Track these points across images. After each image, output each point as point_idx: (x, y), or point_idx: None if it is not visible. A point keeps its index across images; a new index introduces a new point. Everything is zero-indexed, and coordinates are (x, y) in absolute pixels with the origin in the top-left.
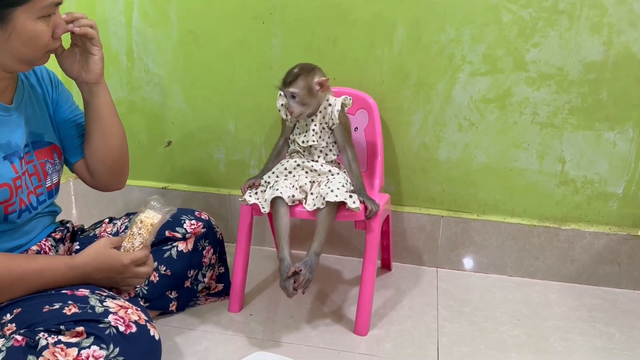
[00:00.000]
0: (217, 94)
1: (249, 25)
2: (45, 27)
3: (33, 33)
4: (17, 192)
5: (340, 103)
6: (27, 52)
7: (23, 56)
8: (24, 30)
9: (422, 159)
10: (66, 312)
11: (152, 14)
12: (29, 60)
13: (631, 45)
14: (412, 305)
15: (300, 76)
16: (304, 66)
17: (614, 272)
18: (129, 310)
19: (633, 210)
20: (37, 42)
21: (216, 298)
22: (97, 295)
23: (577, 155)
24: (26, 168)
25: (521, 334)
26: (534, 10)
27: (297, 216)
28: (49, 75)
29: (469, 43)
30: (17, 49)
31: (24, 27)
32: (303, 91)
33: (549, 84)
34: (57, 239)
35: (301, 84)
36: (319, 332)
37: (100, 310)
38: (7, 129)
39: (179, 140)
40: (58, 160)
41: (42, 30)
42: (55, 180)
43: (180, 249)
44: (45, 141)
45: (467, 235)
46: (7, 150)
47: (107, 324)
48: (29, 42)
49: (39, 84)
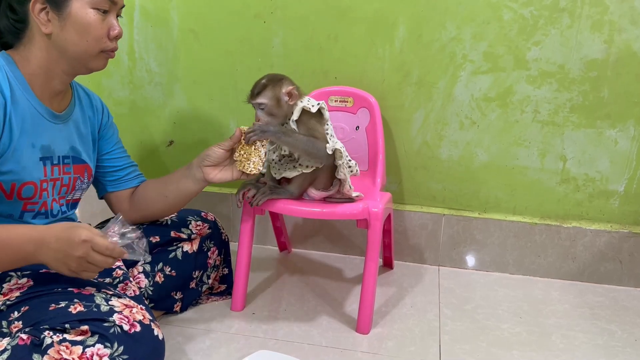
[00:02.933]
0: (219, 93)
1: (250, 23)
2: (98, 18)
3: (86, 20)
4: (42, 195)
5: (298, 111)
6: (82, 44)
7: (78, 48)
8: (77, 17)
9: (423, 157)
10: (71, 310)
11: (153, 13)
12: (83, 55)
13: (632, 43)
14: (414, 303)
15: (268, 87)
16: (272, 77)
17: (616, 270)
18: (133, 310)
19: (634, 207)
20: (90, 32)
21: (218, 297)
22: (103, 293)
23: (579, 153)
24: (61, 177)
25: (523, 332)
26: (535, 8)
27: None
28: (102, 104)
29: (470, 41)
30: (71, 38)
31: (77, 13)
32: (271, 102)
33: (550, 82)
34: None
35: (269, 94)
36: (321, 330)
37: (106, 309)
38: (51, 135)
39: (180, 139)
40: (87, 180)
41: (95, 20)
42: (77, 196)
43: (185, 250)
44: (81, 158)
45: (468, 233)
46: (45, 153)
47: (112, 323)
48: (82, 30)
49: (91, 107)
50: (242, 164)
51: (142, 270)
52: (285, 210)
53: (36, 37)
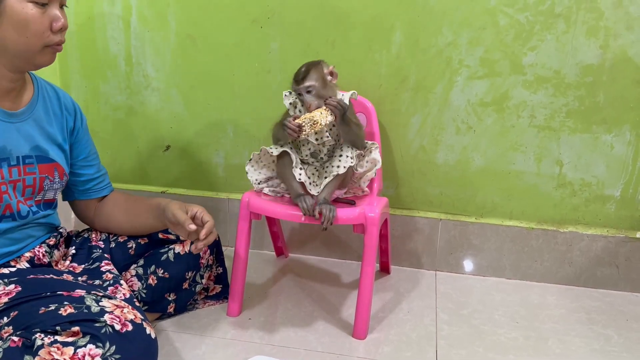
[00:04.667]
0: (216, 98)
1: (247, 29)
2: (37, 12)
3: (23, 16)
4: (3, 198)
5: (348, 97)
6: (21, 41)
7: (18, 45)
8: (13, 13)
9: (420, 162)
10: (62, 312)
11: (151, 19)
12: (25, 52)
13: (627, 49)
14: (410, 309)
15: (312, 70)
16: (310, 62)
17: (612, 274)
18: (124, 310)
19: (630, 212)
20: (30, 28)
21: (215, 301)
22: (94, 295)
23: (575, 158)
24: (22, 178)
25: (519, 337)
26: (530, 14)
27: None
28: (73, 105)
29: (466, 46)
30: (10, 36)
31: (13, 9)
32: (318, 82)
33: (546, 87)
34: (52, 245)
35: (314, 76)
36: (317, 335)
37: (96, 310)
38: (6, 135)
39: (177, 144)
40: (59, 179)
41: (32, 15)
42: (50, 196)
43: (177, 251)
44: (48, 157)
45: (465, 238)
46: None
47: (103, 323)
48: (20, 27)
49: (59, 106)
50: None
51: (134, 273)
52: (283, 215)
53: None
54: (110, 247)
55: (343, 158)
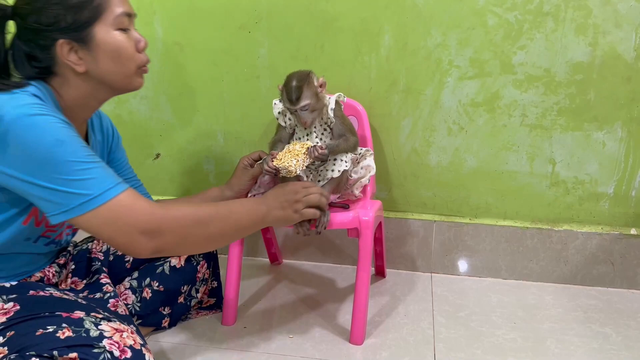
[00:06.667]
0: (205, 105)
1: (235, 35)
2: (124, 37)
3: (115, 44)
4: (63, 224)
5: (333, 101)
6: (118, 69)
7: (116, 75)
8: (106, 44)
9: (412, 165)
10: (59, 335)
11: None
12: (123, 79)
13: (617, 46)
14: (407, 312)
15: (304, 87)
16: (300, 76)
17: (608, 272)
18: (124, 334)
19: (624, 209)
20: (124, 54)
21: (207, 312)
22: (93, 317)
23: (567, 156)
24: None
25: (517, 338)
26: (519, 13)
27: None
28: (111, 126)
29: (455, 47)
30: (108, 67)
31: (105, 41)
32: (312, 100)
33: (537, 86)
34: (61, 265)
35: (308, 94)
36: (314, 342)
37: (95, 334)
38: None
39: (167, 152)
40: None
41: (122, 40)
42: None
43: (172, 264)
44: None
45: (460, 240)
46: None
47: (102, 349)
48: (116, 55)
49: (101, 130)
50: (286, 162)
51: (128, 286)
52: None
53: (70, 78)
54: (109, 259)
55: (337, 162)
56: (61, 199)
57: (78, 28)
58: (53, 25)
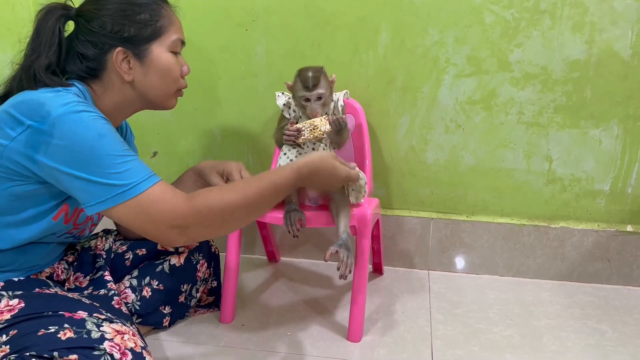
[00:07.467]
0: (202, 102)
1: (232, 32)
2: (175, 60)
3: (167, 64)
4: (88, 222)
5: (342, 97)
6: (163, 86)
7: (159, 91)
8: (159, 62)
9: (410, 162)
10: (61, 336)
11: None
12: (162, 96)
13: (613, 43)
14: (404, 309)
15: (321, 76)
16: (316, 68)
17: (604, 269)
18: (125, 336)
19: (620, 206)
20: (171, 74)
21: (205, 310)
22: (95, 318)
23: (564, 154)
24: None
25: (515, 334)
26: (516, 10)
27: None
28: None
29: (453, 45)
30: (154, 82)
31: (159, 59)
32: (327, 91)
33: (534, 84)
34: (70, 262)
35: (324, 84)
36: (312, 340)
37: (96, 336)
38: None
39: (165, 150)
40: None
41: (173, 62)
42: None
43: (172, 263)
44: None
45: (457, 237)
46: None
47: (102, 351)
48: (164, 73)
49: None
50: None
51: (128, 285)
52: (273, 219)
53: (115, 83)
54: (111, 257)
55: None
56: (99, 190)
57: (138, 42)
58: (116, 34)
